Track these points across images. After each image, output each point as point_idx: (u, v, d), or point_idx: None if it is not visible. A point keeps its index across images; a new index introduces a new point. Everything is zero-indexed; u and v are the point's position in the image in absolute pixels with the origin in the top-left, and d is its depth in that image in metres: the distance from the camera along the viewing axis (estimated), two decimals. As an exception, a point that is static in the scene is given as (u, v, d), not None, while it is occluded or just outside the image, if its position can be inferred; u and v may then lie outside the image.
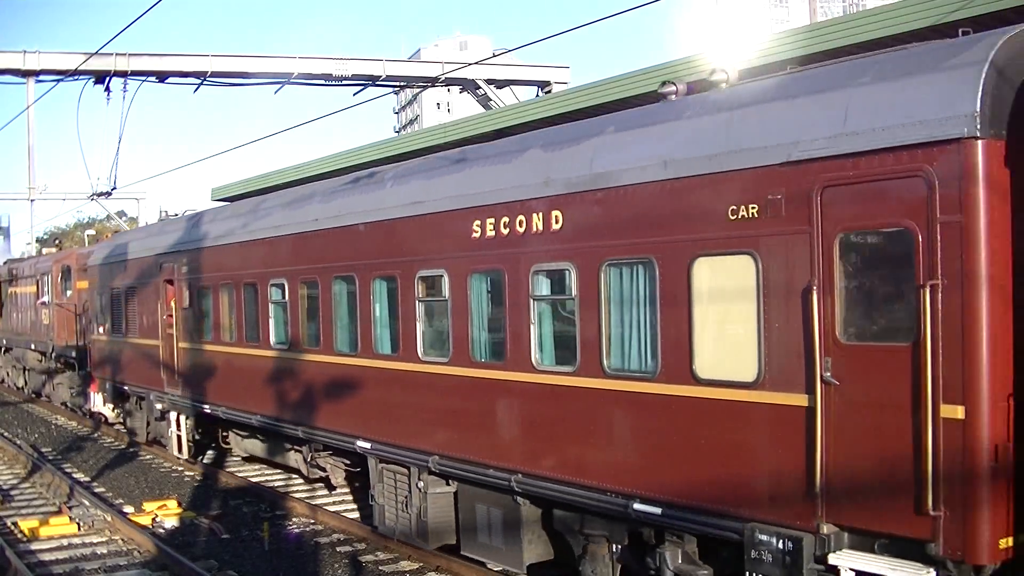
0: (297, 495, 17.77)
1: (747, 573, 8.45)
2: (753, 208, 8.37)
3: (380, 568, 13.16)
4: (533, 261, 10.69)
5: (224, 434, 20.03)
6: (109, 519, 15.79)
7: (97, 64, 27.87)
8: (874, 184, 7.56)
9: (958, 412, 7.09)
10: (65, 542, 14.91)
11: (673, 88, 10.13)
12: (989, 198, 7.01)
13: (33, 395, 34.34)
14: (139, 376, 22.28)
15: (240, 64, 32.79)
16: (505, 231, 11.05)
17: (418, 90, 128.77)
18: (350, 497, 17.47)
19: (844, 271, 7.82)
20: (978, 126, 6.97)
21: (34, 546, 14.72)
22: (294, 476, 18.69)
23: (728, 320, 8.72)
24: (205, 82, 31.81)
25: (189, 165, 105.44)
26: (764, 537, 8.31)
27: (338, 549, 14.20)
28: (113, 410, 25.04)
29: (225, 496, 18.00)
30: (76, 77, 28.80)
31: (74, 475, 20.37)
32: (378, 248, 13.41)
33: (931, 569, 7.31)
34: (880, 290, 7.76)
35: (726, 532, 8.70)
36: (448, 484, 12.59)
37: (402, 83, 39.52)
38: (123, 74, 29.20)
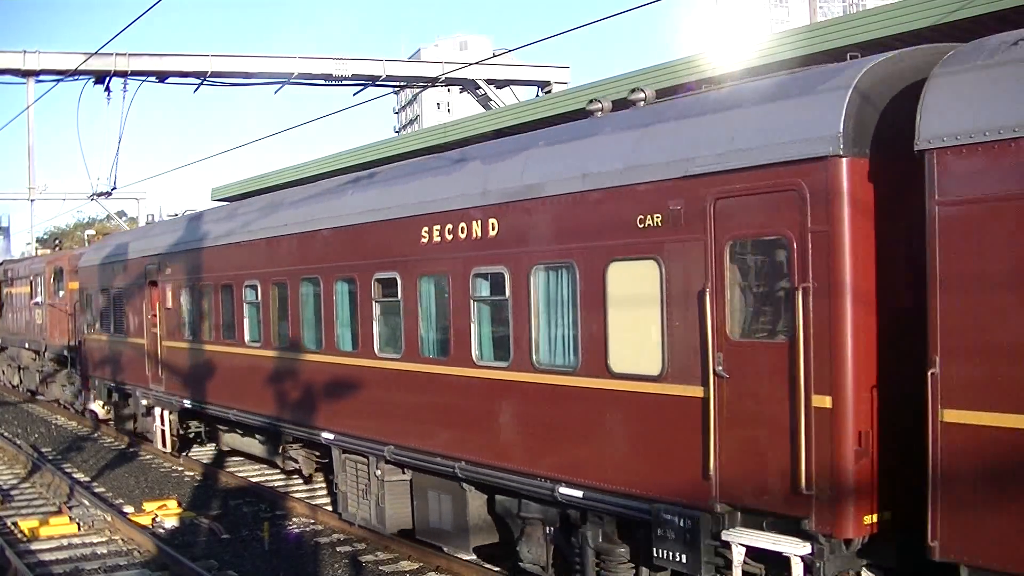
0: (297, 495, 17.92)
1: (654, 550, 9.30)
2: (657, 217, 9.20)
3: (380, 568, 13.22)
4: (473, 265, 11.54)
5: (207, 429, 20.89)
6: (109, 519, 15.80)
7: (97, 64, 27.89)
8: (757, 197, 8.38)
9: (826, 402, 7.92)
10: (65, 542, 14.91)
11: (599, 106, 10.95)
12: (853, 210, 7.82)
13: (28, 393, 35.19)
14: (126, 374, 23.23)
15: (240, 64, 32.81)
16: (449, 237, 11.90)
17: (418, 90, 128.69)
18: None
19: (733, 275, 8.66)
20: (842, 146, 7.79)
21: (34, 546, 14.71)
22: (294, 476, 18.74)
23: (637, 319, 9.54)
24: (205, 82, 31.83)
25: (189, 165, 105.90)
26: (668, 516, 9.15)
27: (338, 549, 14.23)
28: (104, 407, 25.92)
29: (225, 496, 18.04)
30: (76, 77, 28.80)
31: (74, 475, 20.43)
32: (340, 252, 14.27)
33: (807, 543, 8.14)
34: (763, 292, 8.59)
35: (637, 513, 9.54)
36: (404, 473, 13.44)
37: (402, 83, 39.66)
38: (123, 74, 29.23)
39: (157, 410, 21.47)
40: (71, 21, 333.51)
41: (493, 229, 11.24)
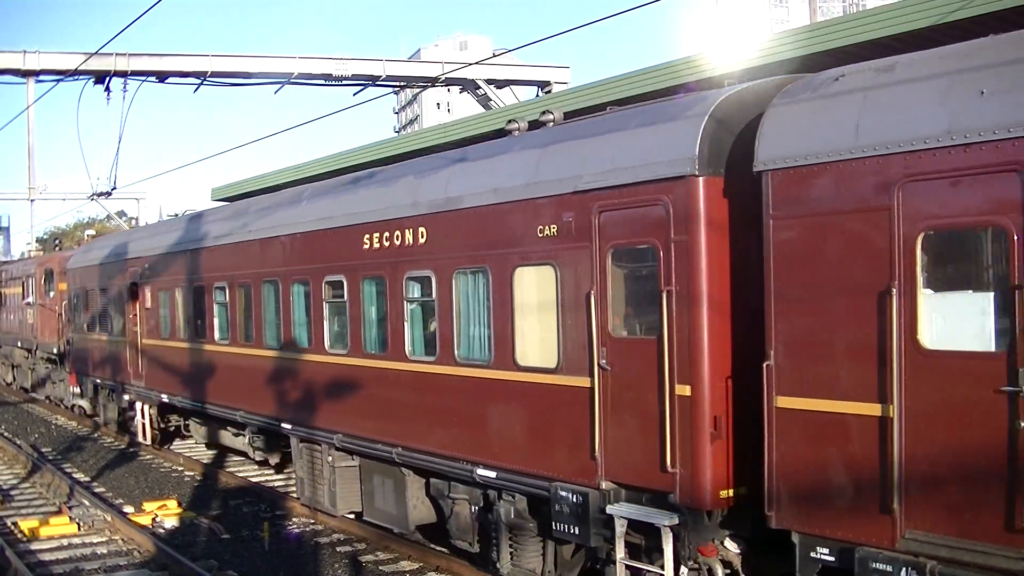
0: (296, 495, 17.47)
1: (553, 524, 10.46)
2: (553, 228, 10.35)
3: (380, 568, 13.25)
4: (406, 269, 12.70)
5: (186, 423, 22.10)
6: (109, 519, 15.78)
7: (97, 64, 27.58)
8: (632, 210, 9.52)
9: (687, 391, 9.05)
10: (65, 542, 14.89)
11: (516, 126, 12.09)
12: (708, 223, 8.95)
13: (22, 390, 36.40)
14: (110, 370, 24.50)
15: (240, 64, 32.38)
16: (387, 244, 13.07)
17: (418, 90, 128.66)
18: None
19: (614, 279, 9.80)
20: (698, 166, 8.93)
21: (34, 546, 14.69)
22: (293, 476, 17.89)
23: (538, 318, 10.69)
24: (205, 82, 31.42)
25: (189, 165, 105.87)
26: (564, 494, 10.31)
27: (338, 549, 14.24)
28: (90, 402, 27.19)
29: (225, 496, 18.02)
30: (76, 77, 28.44)
31: (74, 475, 20.42)
32: (295, 257, 15.46)
33: (675, 515, 9.28)
34: (637, 294, 9.73)
35: (540, 491, 10.68)
36: (353, 459, 14.61)
37: (402, 83, 39.21)
38: (123, 74, 28.82)
39: (138, 404, 22.70)
40: (71, 21, 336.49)
41: (422, 237, 12.41)
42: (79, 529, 15.45)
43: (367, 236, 13.45)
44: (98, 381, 25.56)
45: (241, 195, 27.23)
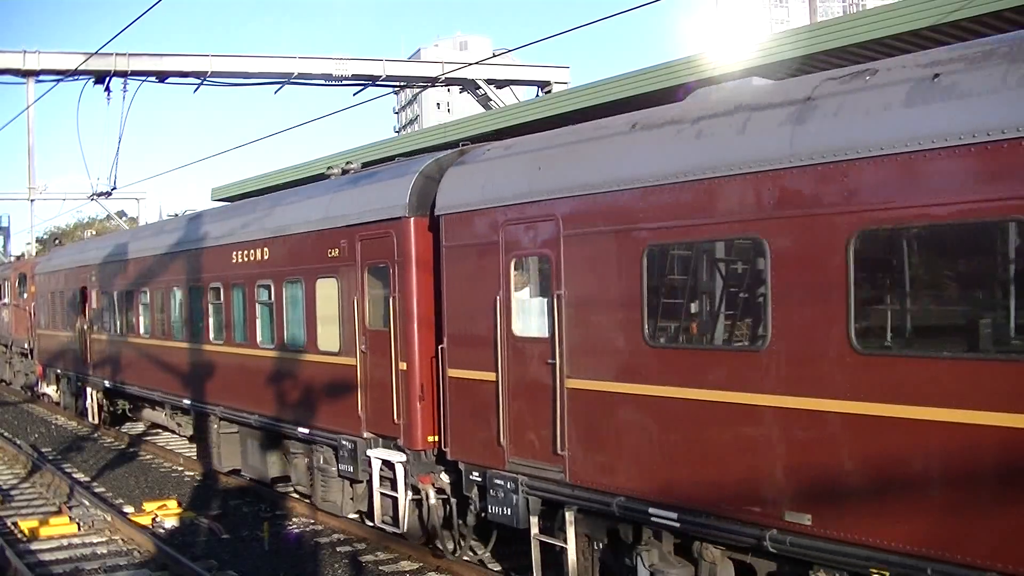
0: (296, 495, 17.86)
1: (338, 465, 14.43)
2: (336, 250, 14.29)
3: (380, 568, 13.39)
4: (256, 279, 16.68)
5: (131, 406, 26.28)
6: (109, 519, 15.83)
7: (97, 64, 27.89)
8: (377, 239, 13.43)
9: (404, 366, 12.96)
10: (65, 542, 14.94)
11: (334, 171, 16.02)
12: (416, 248, 12.81)
13: (2, 381, 40.54)
14: (68, 362, 28.93)
15: (240, 64, 32.85)
16: (246, 259, 17.04)
17: (418, 90, 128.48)
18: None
19: (369, 287, 13.70)
20: (408, 211, 12.81)
21: (34, 546, 14.74)
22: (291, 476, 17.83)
23: (329, 315, 14.61)
24: (205, 82, 31.89)
25: (189, 165, 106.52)
26: (344, 443, 14.26)
27: (338, 549, 14.38)
28: (56, 391, 31.62)
29: (225, 496, 18.17)
30: (76, 77, 28.76)
31: (74, 475, 20.56)
32: (192, 269, 19.48)
33: (403, 454, 13.17)
34: (380, 298, 13.60)
35: (333, 442, 14.62)
36: (233, 427, 18.61)
37: (402, 83, 39.97)
38: (123, 74, 29.17)
39: (88, 390, 27.03)
40: (71, 21, 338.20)
41: (266, 255, 16.40)
42: (79, 529, 15.51)
43: (235, 253, 17.48)
44: (59, 371, 29.94)
45: (241, 195, 27.70)
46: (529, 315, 11.10)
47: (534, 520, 11.14)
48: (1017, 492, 6.73)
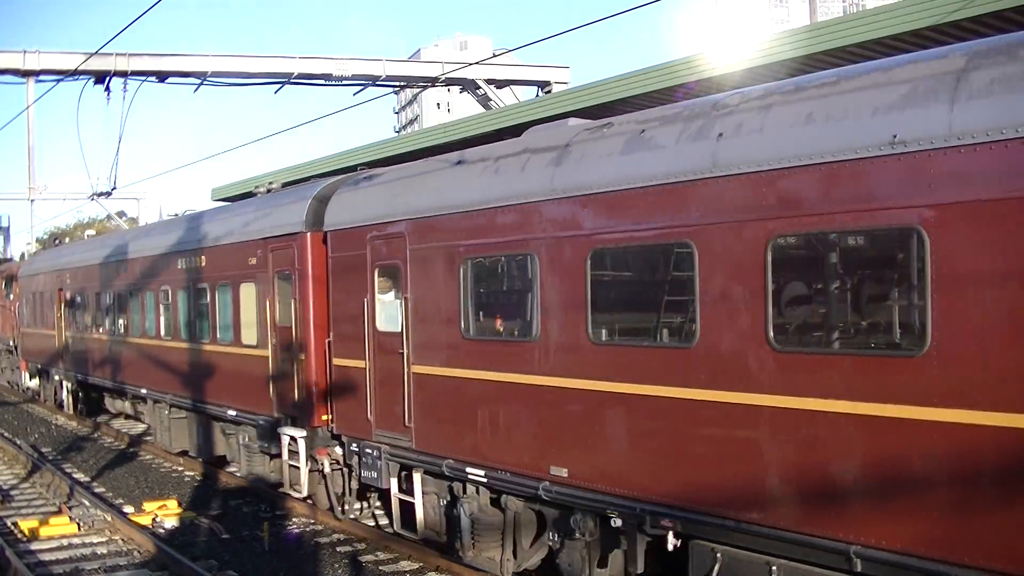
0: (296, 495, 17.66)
1: (259, 442, 16.96)
2: (254, 259, 16.80)
3: (380, 568, 13.42)
4: (196, 282, 19.26)
5: (100, 396, 28.91)
6: (109, 519, 15.90)
7: (97, 64, 27.97)
8: (284, 249, 15.88)
9: (303, 356, 15.44)
10: (65, 542, 14.97)
11: (261, 190, 18.53)
12: (312, 259, 15.26)
13: None
14: (46, 357, 31.88)
15: (240, 64, 32.90)
16: (188, 265, 19.58)
17: (418, 90, 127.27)
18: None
19: (279, 290, 16.17)
20: (305, 227, 15.28)
21: (34, 546, 14.76)
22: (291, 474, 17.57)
23: (250, 314, 17.10)
24: (205, 82, 32.00)
25: (189, 165, 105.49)
26: (261, 423, 16.78)
27: (338, 549, 14.44)
28: (38, 384, 34.47)
29: (225, 496, 18.27)
30: (76, 77, 28.76)
31: (74, 475, 20.68)
32: (147, 272, 22.04)
33: (303, 431, 15.63)
34: (287, 299, 16.00)
35: (254, 422, 17.12)
36: (183, 412, 21.14)
37: (402, 83, 40.05)
38: (123, 74, 29.17)
39: (64, 383, 29.92)
40: (71, 21, 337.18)
41: (204, 262, 18.93)
42: (79, 529, 15.60)
43: (178, 260, 20.01)
44: (39, 366, 32.90)
45: (241, 195, 27.90)
46: (389, 314, 13.54)
47: (393, 481, 13.60)
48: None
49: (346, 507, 15.47)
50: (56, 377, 30.47)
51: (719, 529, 8.77)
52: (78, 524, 15.70)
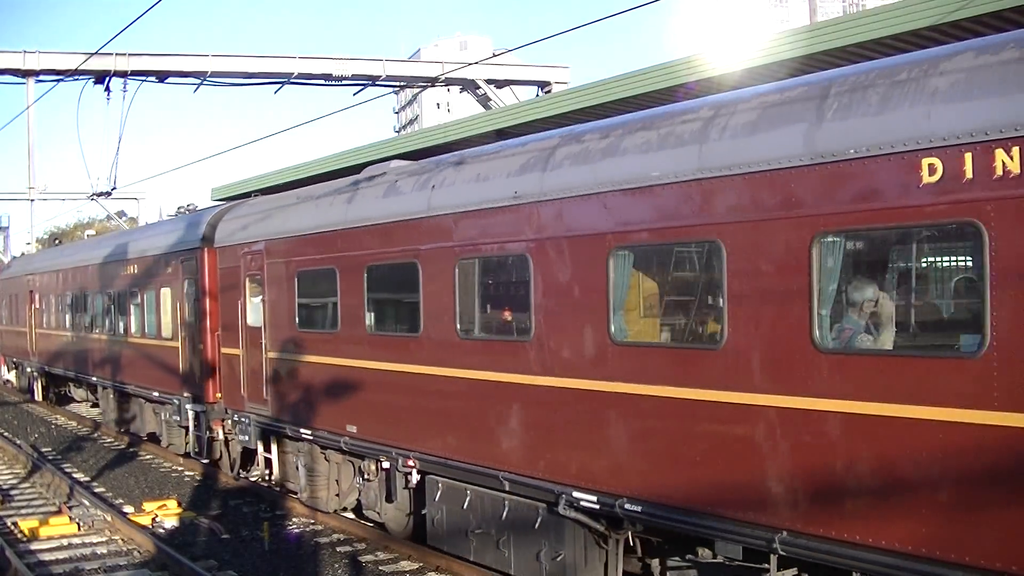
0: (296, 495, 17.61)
1: (171, 416, 20.86)
2: (170, 269, 20.74)
3: (380, 568, 13.42)
4: (131, 287, 23.28)
5: (64, 385, 33.01)
6: (109, 519, 15.93)
7: (97, 64, 28.11)
8: (187, 261, 19.71)
9: (202, 346, 19.27)
10: (65, 542, 14.98)
11: (183, 209, 22.42)
12: (209, 269, 19.04)
13: None
14: (21, 352, 36.13)
15: (240, 64, 33.08)
16: (128, 272, 23.56)
17: (418, 90, 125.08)
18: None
19: (187, 294, 20.02)
20: (202, 243, 19.11)
21: (34, 546, 14.77)
22: (291, 476, 17.79)
23: (168, 314, 20.98)
24: (205, 82, 32.20)
25: (189, 165, 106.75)
26: (175, 401, 20.69)
27: (338, 549, 14.44)
28: (16, 377, 38.60)
29: (225, 496, 18.36)
30: (76, 77, 28.90)
31: (74, 475, 20.80)
32: (98, 277, 26.04)
33: (202, 406, 19.47)
34: (192, 301, 19.81)
35: (170, 401, 21.04)
36: (125, 397, 25.09)
37: (402, 83, 40.34)
38: (123, 74, 29.28)
39: (35, 374, 34.28)
40: (71, 21, 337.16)
41: (135, 269, 22.93)
42: (79, 529, 15.64)
43: (125, 267, 24.04)
44: (15, 360, 37.45)
45: (241, 195, 27.43)
46: (255, 312, 17.34)
47: (260, 444, 17.49)
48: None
49: (240, 470, 19.26)
50: (28, 369, 34.91)
51: (444, 467, 12.25)
52: (78, 524, 15.79)
